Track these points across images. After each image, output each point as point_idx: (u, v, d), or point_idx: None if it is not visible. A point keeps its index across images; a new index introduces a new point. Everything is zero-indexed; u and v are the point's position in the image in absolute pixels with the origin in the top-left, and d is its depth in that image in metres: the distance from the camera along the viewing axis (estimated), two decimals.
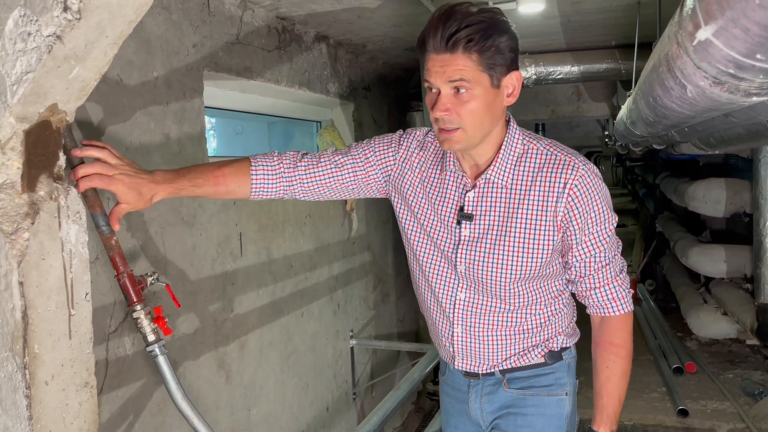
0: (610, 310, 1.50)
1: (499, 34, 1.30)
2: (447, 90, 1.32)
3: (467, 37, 1.27)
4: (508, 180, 1.44)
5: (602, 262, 1.47)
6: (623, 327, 1.52)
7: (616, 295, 1.49)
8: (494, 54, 1.30)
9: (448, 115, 1.33)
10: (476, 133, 1.37)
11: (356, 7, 2.86)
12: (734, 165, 5.77)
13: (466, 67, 1.29)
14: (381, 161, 1.58)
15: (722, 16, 0.70)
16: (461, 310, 1.55)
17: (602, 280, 1.48)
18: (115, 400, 1.93)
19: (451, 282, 1.54)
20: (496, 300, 1.52)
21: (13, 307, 1.07)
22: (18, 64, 1.03)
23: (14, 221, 1.07)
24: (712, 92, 1.01)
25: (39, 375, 1.10)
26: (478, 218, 1.46)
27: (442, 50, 1.30)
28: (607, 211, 1.44)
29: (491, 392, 1.63)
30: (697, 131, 2.52)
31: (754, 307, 4.31)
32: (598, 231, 1.44)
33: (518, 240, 1.44)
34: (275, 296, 2.93)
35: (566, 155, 1.43)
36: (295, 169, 1.56)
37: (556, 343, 1.60)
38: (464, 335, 1.57)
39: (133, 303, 1.69)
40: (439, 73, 1.32)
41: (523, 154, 1.45)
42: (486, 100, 1.33)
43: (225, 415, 2.50)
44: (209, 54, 2.44)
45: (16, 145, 1.07)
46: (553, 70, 4.19)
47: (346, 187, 1.60)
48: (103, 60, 1.14)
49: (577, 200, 1.40)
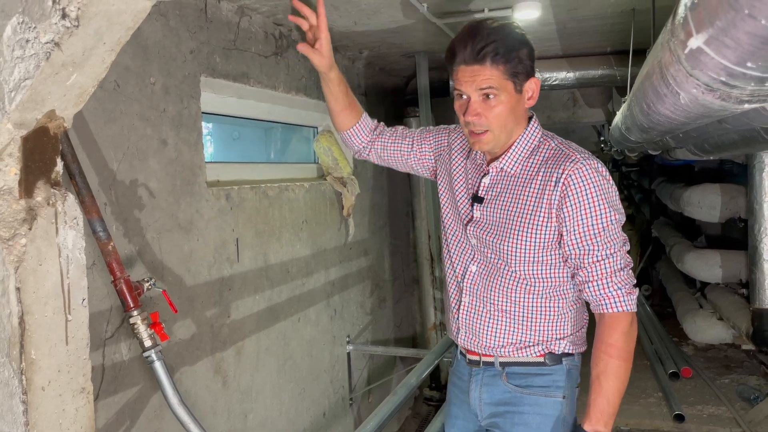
0: (604, 307, 1.52)
1: (520, 46, 1.49)
2: (476, 97, 1.51)
3: (494, 50, 1.46)
4: (518, 169, 1.59)
5: (597, 256, 1.50)
6: (616, 326, 1.52)
7: (610, 292, 1.51)
8: (517, 64, 1.49)
9: (478, 119, 1.52)
10: (502, 133, 1.55)
11: (354, 11, 2.87)
12: (729, 170, 5.79)
13: (493, 76, 1.48)
14: (436, 143, 1.86)
15: (713, 26, 0.71)
16: (470, 281, 1.69)
17: (596, 274, 1.51)
18: (112, 406, 1.93)
19: (467, 253, 1.70)
20: (501, 279, 1.63)
21: (10, 313, 1.07)
22: (16, 70, 1.03)
23: (11, 227, 1.08)
24: (705, 99, 1.03)
25: (36, 381, 1.11)
26: (487, 201, 1.63)
27: (471, 62, 1.48)
28: (604, 206, 1.49)
29: (490, 383, 1.70)
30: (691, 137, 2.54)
31: (750, 312, 4.32)
32: (593, 224, 1.49)
33: (517, 224, 1.57)
34: (272, 302, 2.93)
35: (572, 151, 1.55)
36: (377, 135, 1.92)
37: (558, 347, 1.64)
38: (469, 307, 1.70)
39: (130, 308, 1.70)
40: (469, 82, 1.50)
41: (537, 148, 1.59)
42: (510, 104, 1.52)
43: (222, 421, 2.50)
44: (206, 60, 2.45)
45: (14, 151, 1.08)
46: (549, 76, 4.21)
47: (404, 157, 1.90)
48: (101, 67, 1.14)
49: (570, 190, 1.49)
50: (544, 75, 4.20)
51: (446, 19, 3.00)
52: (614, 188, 1.54)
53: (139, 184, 2.09)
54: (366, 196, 4.09)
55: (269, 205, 2.93)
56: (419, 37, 3.50)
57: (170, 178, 2.24)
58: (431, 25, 3.06)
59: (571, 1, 2.88)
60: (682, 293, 6.07)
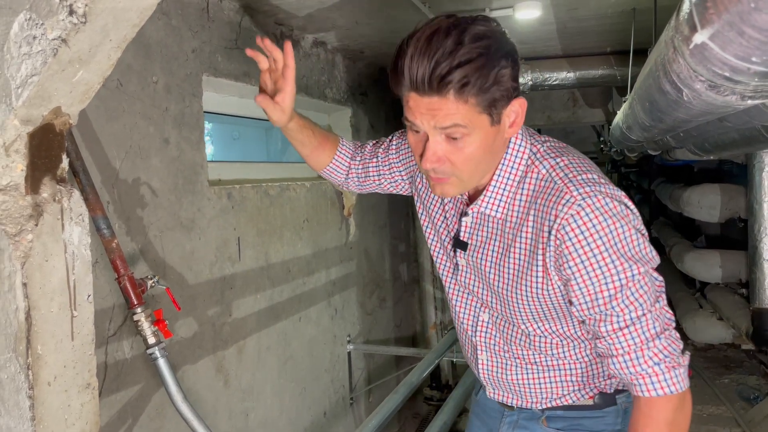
0: (637, 388, 1.11)
1: (498, 61, 1.01)
2: (437, 137, 1.07)
3: (462, 80, 0.99)
4: (503, 211, 1.19)
5: (618, 323, 1.10)
6: (655, 414, 1.10)
7: (643, 370, 1.09)
8: (494, 89, 1.02)
9: (440, 164, 1.09)
10: (474, 178, 1.15)
11: (355, 11, 2.88)
12: (728, 171, 5.81)
13: (459, 111, 1.02)
14: (405, 160, 1.48)
15: (719, 20, 0.71)
16: (483, 333, 1.34)
17: (620, 346, 1.10)
18: (114, 403, 1.93)
19: (472, 301, 1.33)
20: (520, 329, 1.28)
21: (17, 308, 1.07)
22: (23, 67, 1.04)
23: (18, 223, 1.08)
24: (708, 95, 1.03)
25: (42, 376, 1.11)
26: (472, 249, 1.26)
27: (427, 92, 1.01)
28: (617, 260, 1.07)
29: (526, 427, 1.37)
30: (692, 136, 2.55)
31: (749, 312, 4.33)
32: (606, 286, 1.08)
33: (512, 282, 1.20)
34: (273, 301, 2.93)
35: (565, 183, 1.11)
36: (353, 165, 1.55)
37: (610, 385, 1.31)
38: (490, 364, 1.35)
39: (134, 306, 1.71)
40: (425, 116, 1.05)
41: (524, 176, 1.17)
42: (486, 143, 1.08)
43: (223, 420, 2.50)
44: (208, 59, 2.46)
45: (20, 147, 1.08)
46: (549, 76, 4.22)
47: (381, 187, 1.55)
48: (107, 63, 1.15)
49: (565, 246, 1.09)
50: (544, 75, 4.21)
51: None
52: (632, 228, 1.09)
53: (141, 182, 2.09)
54: (366, 196, 4.10)
55: (270, 204, 2.93)
56: None
57: (172, 176, 2.24)
58: None
59: (571, 0, 2.89)
60: (681, 293, 6.08)
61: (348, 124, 3.93)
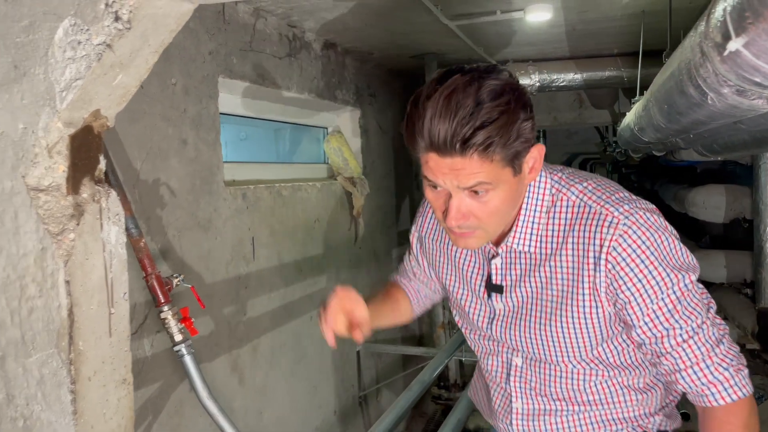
0: (710, 398, 1.11)
1: (517, 115, 1.02)
2: (461, 194, 1.06)
3: (486, 141, 0.98)
4: (536, 245, 1.17)
5: (682, 335, 1.11)
6: (733, 420, 1.11)
7: (715, 377, 1.10)
8: (516, 144, 1.02)
9: (465, 220, 1.08)
10: (500, 228, 1.15)
11: (366, 12, 2.91)
12: (732, 171, 5.84)
13: (483, 170, 1.02)
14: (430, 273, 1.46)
15: (755, 28, 0.74)
16: (518, 379, 1.29)
17: (687, 358, 1.11)
18: (135, 400, 1.94)
19: (504, 347, 1.30)
20: (561, 367, 1.24)
21: (59, 305, 1.10)
22: (67, 71, 1.06)
23: (60, 222, 1.11)
24: (734, 99, 1.06)
25: (83, 371, 1.14)
26: (509, 290, 1.22)
27: (449, 153, 1.00)
28: (671, 272, 1.09)
29: None
30: (702, 137, 2.58)
31: (755, 312, 4.36)
32: (665, 301, 1.09)
33: (555, 312, 1.18)
34: (286, 300, 2.96)
35: (602, 205, 1.11)
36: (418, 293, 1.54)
37: (652, 425, 1.28)
38: (525, 412, 1.31)
39: (161, 303, 1.74)
40: (448, 176, 1.04)
41: (551, 206, 1.17)
42: (509, 194, 1.09)
43: (238, 418, 2.53)
44: (224, 61, 2.49)
45: (62, 149, 1.11)
46: (557, 77, 4.25)
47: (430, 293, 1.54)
48: (144, 67, 1.18)
49: (620, 269, 1.09)
50: (552, 76, 4.24)
51: (458, 21, 3.04)
52: (672, 236, 1.13)
53: (161, 183, 2.12)
54: (375, 197, 4.13)
55: (283, 204, 2.96)
56: (429, 39, 3.54)
57: (190, 177, 2.27)
58: (442, 26, 3.09)
59: (581, 3, 2.92)
60: None
61: (357, 125, 3.96)
